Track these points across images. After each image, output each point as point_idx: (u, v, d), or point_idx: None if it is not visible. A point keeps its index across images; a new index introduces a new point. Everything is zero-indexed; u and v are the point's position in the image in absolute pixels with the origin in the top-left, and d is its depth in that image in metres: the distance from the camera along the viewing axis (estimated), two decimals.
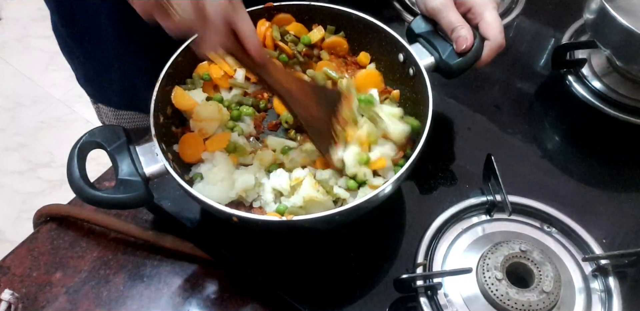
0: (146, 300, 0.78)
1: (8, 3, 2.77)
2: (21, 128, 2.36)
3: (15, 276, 0.80)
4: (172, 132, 0.76)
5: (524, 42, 1.05)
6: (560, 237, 0.78)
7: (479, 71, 0.96)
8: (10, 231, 2.05)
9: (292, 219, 0.63)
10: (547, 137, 0.93)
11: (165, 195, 0.80)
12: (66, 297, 0.78)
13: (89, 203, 0.65)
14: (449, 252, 0.76)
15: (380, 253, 0.78)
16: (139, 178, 0.66)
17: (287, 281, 0.75)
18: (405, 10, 1.07)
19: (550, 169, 0.88)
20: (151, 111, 0.71)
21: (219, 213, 0.65)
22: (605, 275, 0.74)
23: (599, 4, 0.84)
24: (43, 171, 2.23)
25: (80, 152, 0.67)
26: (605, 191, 0.86)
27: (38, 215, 0.86)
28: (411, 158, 0.67)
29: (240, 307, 0.78)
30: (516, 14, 1.07)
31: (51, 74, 2.51)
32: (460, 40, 0.75)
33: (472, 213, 0.80)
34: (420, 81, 0.75)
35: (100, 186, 0.87)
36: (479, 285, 0.71)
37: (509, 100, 0.97)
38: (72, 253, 0.82)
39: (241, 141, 0.77)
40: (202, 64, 0.80)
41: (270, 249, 0.77)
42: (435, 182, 0.85)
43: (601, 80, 0.95)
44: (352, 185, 0.71)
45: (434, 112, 0.70)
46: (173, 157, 0.74)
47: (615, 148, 0.91)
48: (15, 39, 2.66)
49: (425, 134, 0.69)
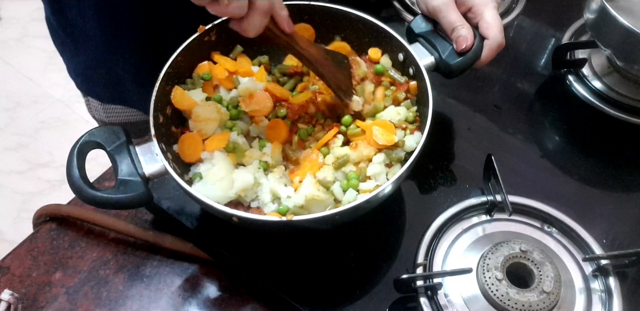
0: (146, 300, 0.78)
1: (8, 3, 2.77)
2: (21, 128, 2.36)
3: (15, 276, 0.80)
4: (171, 132, 0.76)
5: (524, 42, 1.05)
6: (560, 237, 0.78)
7: (479, 70, 0.96)
8: (10, 231, 2.05)
9: (292, 219, 0.63)
10: (547, 137, 0.93)
11: (165, 195, 0.80)
12: (66, 297, 0.78)
13: (88, 203, 0.65)
14: (449, 252, 0.76)
15: (380, 253, 0.78)
16: (138, 178, 0.66)
17: (287, 281, 0.75)
18: (405, 10, 1.07)
19: (550, 169, 0.88)
20: (151, 111, 0.71)
21: (219, 213, 0.65)
22: (605, 275, 0.74)
23: (599, 4, 0.84)
24: (43, 171, 2.23)
25: (79, 153, 0.67)
26: (606, 191, 0.86)
27: (38, 215, 0.85)
28: (411, 158, 0.67)
29: (240, 307, 0.78)
30: (516, 13, 1.07)
31: (51, 74, 2.50)
32: (460, 40, 0.75)
33: (472, 213, 0.80)
34: (420, 81, 0.75)
35: (100, 186, 0.87)
36: (479, 285, 0.71)
37: (509, 100, 0.97)
38: (71, 253, 0.82)
39: (240, 140, 0.76)
40: (202, 64, 0.80)
41: (270, 249, 0.77)
42: (435, 182, 0.85)
43: (601, 80, 0.95)
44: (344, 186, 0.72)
45: (434, 112, 0.70)
46: (173, 157, 0.73)
47: (616, 148, 0.91)
48: (15, 38, 2.66)
49: (425, 134, 0.69)
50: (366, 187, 0.71)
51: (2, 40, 2.65)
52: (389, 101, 0.78)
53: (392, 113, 0.75)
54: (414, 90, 0.79)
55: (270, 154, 0.74)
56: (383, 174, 0.72)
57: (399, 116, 0.75)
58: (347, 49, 0.83)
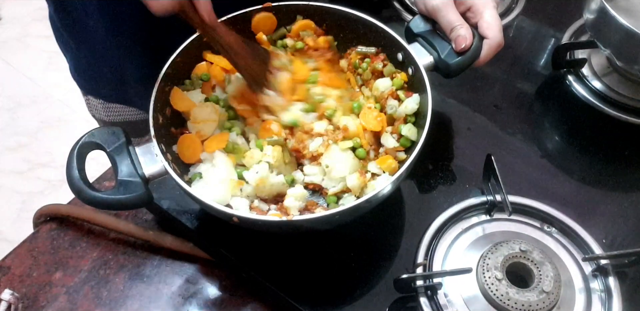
0: (146, 300, 0.78)
1: (8, 2, 2.77)
2: (21, 128, 2.36)
3: (15, 276, 0.80)
4: (171, 133, 0.76)
5: (524, 42, 1.05)
6: (560, 237, 0.78)
7: (479, 70, 0.96)
8: (10, 231, 2.05)
9: (291, 219, 0.63)
10: (547, 137, 0.93)
11: (165, 195, 0.80)
12: (66, 297, 0.78)
13: (88, 203, 0.65)
14: (449, 252, 0.76)
15: (380, 253, 0.78)
16: (138, 178, 0.66)
17: (287, 281, 0.75)
18: (405, 10, 1.07)
19: (550, 169, 0.88)
20: (150, 112, 0.71)
21: (219, 213, 0.65)
22: (605, 274, 0.74)
23: (599, 4, 0.84)
24: (43, 171, 2.23)
25: (79, 154, 0.67)
26: (605, 191, 0.86)
27: (38, 215, 0.86)
28: (411, 158, 0.67)
29: (240, 307, 0.78)
30: (516, 13, 1.07)
31: (51, 74, 2.51)
32: (459, 40, 0.75)
33: (472, 213, 0.80)
34: (419, 81, 0.75)
35: (100, 186, 0.87)
36: (479, 285, 0.71)
37: (509, 100, 0.97)
38: (72, 253, 0.82)
39: (239, 141, 0.77)
40: (200, 65, 0.80)
41: (270, 249, 0.77)
42: (435, 182, 0.85)
43: (601, 80, 0.95)
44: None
45: (434, 112, 0.70)
46: (172, 157, 0.73)
47: (615, 148, 0.91)
48: (15, 38, 2.66)
49: (425, 134, 0.69)
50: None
51: (2, 40, 2.65)
52: (369, 75, 0.80)
53: (382, 85, 0.77)
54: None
55: (272, 156, 0.74)
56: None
57: (385, 88, 0.77)
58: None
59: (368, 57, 0.81)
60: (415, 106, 0.74)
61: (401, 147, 0.75)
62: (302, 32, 0.82)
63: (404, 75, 0.78)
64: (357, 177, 0.72)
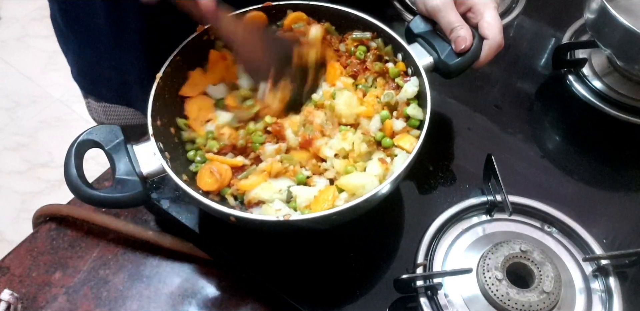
0: (146, 300, 0.78)
1: (7, 2, 2.77)
2: (20, 128, 2.36)
3: (14, 276, 0.80)
4: (169, 132, 0.76)
5: (524, 42, 1.05)
6: (560, 237, 0.78)
7: (479, 71, 0.96)
8: (10, 231, 2.05)
9: (289, 219, 0.63)
10: (547, 137, 0.93)
11: (165, 195, 0.80)
12: (66, 297, 0.78)
13: (85, 202, 0.65)
14: (449, 252, 0.76)
15: (380, 253, 0.78)
16: (136, 177, 0.66)
17: (287, 281, 0.75)
18: (406, 10, 1.07)
19: (550, 169, 0.88)
20: (149, 110, 0.71)
21: (216, 213, 0.65)
22: (605, 275, 0.74)
23: (599, 4, 0.84)
24: (42, 171, 2.23)
25: (77, 152, 0.67)
26: (606, 191, 0.86)
27: (37, 215, 0.85)
28: (410, 158, 0.67)
29: (240, 307, 0.78)
30: (516, 13, 1.07)
31: (51, 74, 2.50)
32: (459, 40, 0.75)
33: (472, 213, 0.80)
34: (418, 81, 0.75)
35: (100, 185, 0.87)
36: (479, 285, 0.71)
37: (509, 100, 0.97)
38: (71, 253, 0.82)
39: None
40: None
41: (270, 249, 0.77)
42: (435, 182, 0.85)
43: (602, 80, 0.95)
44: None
45: (434, 112, 0.70)
46: (171, 156, 0.73)
47: (616, 148, 0.91)
48: (15, 38, 2.66)
49: (424, 134, 0.69)
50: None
51: (2, 40, 2.65)
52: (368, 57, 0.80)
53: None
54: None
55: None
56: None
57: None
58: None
59: (364, 44, 0.81)
60: (415, 88, 0.75)
61: (410, 127, 0.75)
62: (295, 25, 0.82)
63: (401, 64, 0.78)
64: (379, 165, 0.72)
